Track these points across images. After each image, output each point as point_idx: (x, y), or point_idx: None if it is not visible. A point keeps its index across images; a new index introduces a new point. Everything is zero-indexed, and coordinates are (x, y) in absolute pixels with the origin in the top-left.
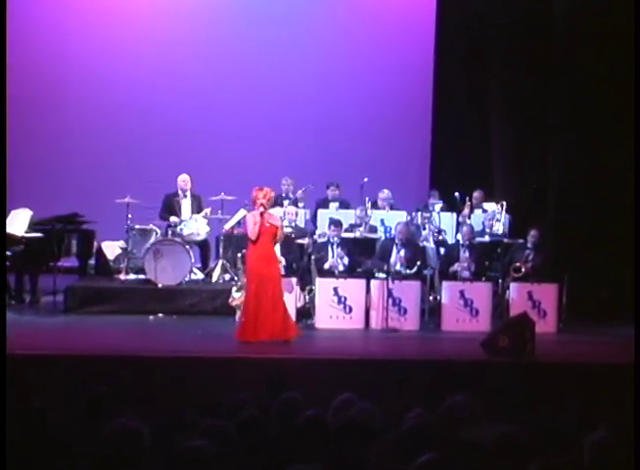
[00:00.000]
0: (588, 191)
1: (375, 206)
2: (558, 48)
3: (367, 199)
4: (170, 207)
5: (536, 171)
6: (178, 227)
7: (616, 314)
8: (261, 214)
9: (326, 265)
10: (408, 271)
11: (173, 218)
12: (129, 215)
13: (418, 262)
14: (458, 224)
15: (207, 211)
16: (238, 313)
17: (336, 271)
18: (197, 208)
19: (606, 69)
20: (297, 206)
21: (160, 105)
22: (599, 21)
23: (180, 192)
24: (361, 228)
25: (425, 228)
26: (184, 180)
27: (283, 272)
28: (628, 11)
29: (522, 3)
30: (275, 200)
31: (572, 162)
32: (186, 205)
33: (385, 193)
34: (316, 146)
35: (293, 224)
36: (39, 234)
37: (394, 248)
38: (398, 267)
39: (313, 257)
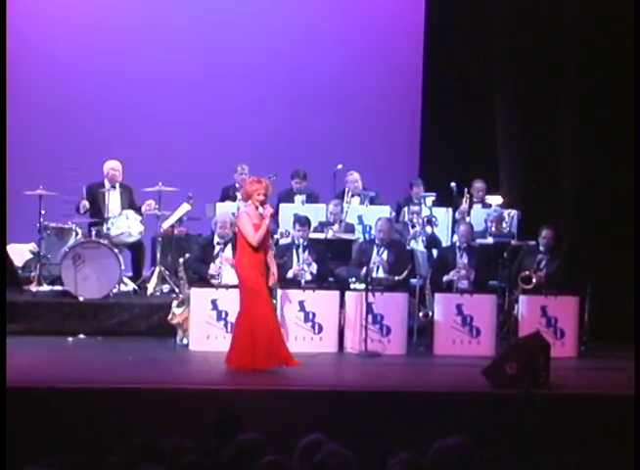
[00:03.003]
0: (614, 182)
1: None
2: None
3: (347, 190)
4: (94, 201)
5: (550, 159)
6: (104, 226)
7: None
8: (262, 213)
9: (289, 273)
10: (392, 278)
11: (84, 202)
12: (42, 211)
13: (406, 272)
14: (454, 222)
15: (149, 204)
16: (179, 334)
17: (302, 281)
18: (128, 201)
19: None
20: None
21: (83, 75)
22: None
23: (107, 182)
24: (334, 227)
25: (414, 226)
26: (113, 168)
27: None
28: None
29: None
30: (227, 192)
31: (594, 148)
32: (114, 198)
33: (353, 175)
34: (278, 127)
35: None
36: None
37: (375, 250)
38: (381, 274)
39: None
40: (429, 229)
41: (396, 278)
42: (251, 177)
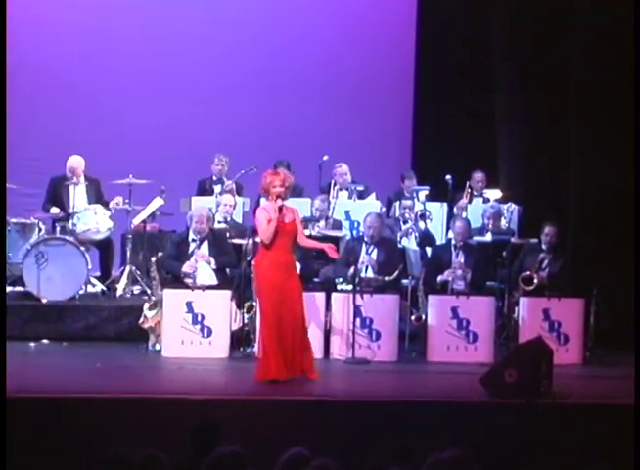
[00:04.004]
0: (623, 175)
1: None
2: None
3: (333, 183)
4: (58, 195)
5: (553, 150)
6: (70, 222)
7: None
8: (279, 208)
9: None
10: (382, 278)
11: (54, 210)
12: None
13: (397, 272)
14: (450, 218)
15: (117, 202)
16: (152, 339)
17: None
18: (95, 195)
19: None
20: (239, 194)
21: (44, 60)
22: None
23: (70, 175)
24: (320, 224)
25: (406, 222)
26: (71, 168)
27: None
28: None
29: None
30: (203, 185)
31: (600, 138)
32: (80, 192)
33: (342, 168)
34: (260, 114)
35: (229, 219)
36: None
37: (364, 248)
38: (370, 274)
39: (254, 262)
40: (422, 225)
41: (387, 278)
42: (268, 170)
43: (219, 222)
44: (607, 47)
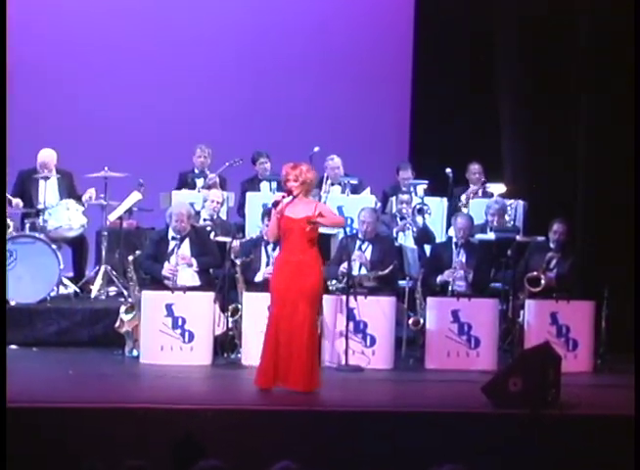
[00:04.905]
0: (637, 168)
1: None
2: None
3: (325, 176)
4: (27, 189)
5: (561, 142)
6: (40, 218)
7: None
8: (283, 205)
9: (258, 276)
10: (375, 272)
11: (16, 202)
12: None
13: (391, 267)
14: (451, 214)
15: (90, 194)
16: (129, 344)
17: None
18: (67, 189)
19: None
20: (223, 188)
21: (14, 43)
22: None
23: (40, 168)
24: None
25: (402, 218)
26: (47, 156)
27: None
28: None
29: None
30: (185, 178)
31: (613, 127)
32: (51, 185)
33: (334, 160)
34: (246, 102)
35: (215, 216)
36: None
37: (357, 244)
38: (363, 271)
39: (239, 262)
40: (420, 220)
41: (379, 273)
42: (288, 163)
43: (205, 220)
44: (620, 34)
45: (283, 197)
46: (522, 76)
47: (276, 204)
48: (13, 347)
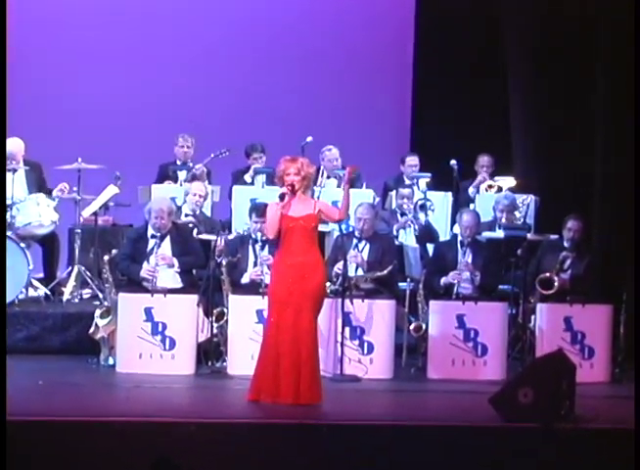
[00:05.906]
0: None
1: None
2: None
3: (321, 168)
4: None
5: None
6: (8, 214)
7: None
8: (285, 199)
9: (245, 277)
10: (372, 274)
11: None
12: None
13: (390, 267)
14: (456, 210)
15: (62, 188)
16: (104, 352)
17: (261, 285)
18: (36, 183)
19: None
20: (208, 181)
21: None
22: None
23: (7, 159)
24: None
25: (403, 214)
26: (15, 146)
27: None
28: None
29: None
30: (165, 171)
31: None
32: (19, 178)
33: (332, 151)
34: (232, 88)
35: (198, 211)
36: None
37: (354, 243)
38: (360, 272)
39: (225, 262)
40: (422, 217)
41: (377, 274)
42: (284, 156)
43: (187, 215)
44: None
45: (289, 190)
46: (531, 61)
47: (282, 197)
48: None
